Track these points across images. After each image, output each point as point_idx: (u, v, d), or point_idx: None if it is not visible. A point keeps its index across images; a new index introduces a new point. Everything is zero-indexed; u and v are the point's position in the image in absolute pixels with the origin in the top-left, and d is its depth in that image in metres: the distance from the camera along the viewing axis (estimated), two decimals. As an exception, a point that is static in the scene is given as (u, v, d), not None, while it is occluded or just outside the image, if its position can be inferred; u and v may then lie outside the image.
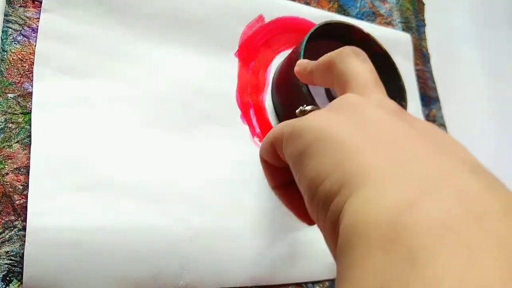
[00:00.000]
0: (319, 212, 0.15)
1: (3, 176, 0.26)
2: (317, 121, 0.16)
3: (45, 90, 0.28)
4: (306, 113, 0.22)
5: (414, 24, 0.48)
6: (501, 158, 0.49)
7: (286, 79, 0.34)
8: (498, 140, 0.50)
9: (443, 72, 0.49)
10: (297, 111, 0.23)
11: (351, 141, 0.15)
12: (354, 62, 0.21)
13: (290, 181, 0.19)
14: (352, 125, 0.16)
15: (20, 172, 0.26)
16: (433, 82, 0.47)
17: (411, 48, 0.46)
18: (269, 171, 0.22)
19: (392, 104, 0.18)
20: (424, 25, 0.49)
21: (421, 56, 0.47)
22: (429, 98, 0.46)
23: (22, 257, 0.25)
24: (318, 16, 0.40)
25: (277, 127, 0.19)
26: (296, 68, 0.27)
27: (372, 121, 0.16)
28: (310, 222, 0.19)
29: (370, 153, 0.14)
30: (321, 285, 0.33)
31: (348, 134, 0.15)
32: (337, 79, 0.22)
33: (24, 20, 0.29)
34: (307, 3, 0.41)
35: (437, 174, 0.13)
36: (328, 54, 0.23)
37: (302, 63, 0.27)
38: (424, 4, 0.50)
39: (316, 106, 0.23)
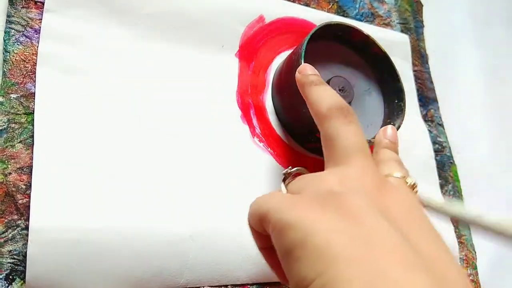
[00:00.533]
0: None
1: (6, 176, 0.26)
2: (302, 219, 0.17)
3: (47, 90, 0.28)
4: (291, 175, 0.24)
5: (413, 25, 0.49)
6: (499, 158, 0.50)
7: (286, 80, 0.34)
8: (497, 140, 0.51)
9: (441, 73, 0.49)
10: (283, 171, 0.24)
11: (331, 248, 0.16)
12: (339, 126, 0.22)
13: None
14: (335, 226, 0.17)
15: (23, 172, 0.26)
16: (431, 82, 0.47)
17: (409, 49, 0.46)
18: (256, 235, 0.23)
19: (372, 178, 0.20)
20: (423, 26, 0.50)
21: (420, 57, 0.48)
22: (427, 99, 0.46)
23: (25, 256, 0.25)
24: (318, 17, 0.40)
25: (265, 205, 0.20)
26: (297, 75, 0.28)
27: (354, 222, 0.17)
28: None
29: (348, 263, 0.15)
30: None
31: (329, 239, 0.16)
32: (322, 138, 0.23)
33: (27, 21, 0.29)
34: (307, 4, 0.41)
35: None
36: (320, 100, 0.24)
37: (304, 72, 0.27)
38: (422, 5, 0.51)
39: (301, 168, 0.24)
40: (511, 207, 0.47)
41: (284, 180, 0.24)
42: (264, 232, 0.21)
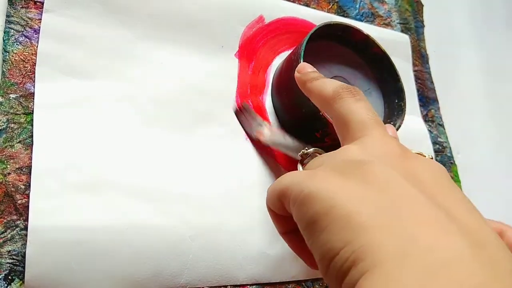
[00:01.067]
0: (334, 283, 0.16)
1: (5, 176, 0.26)
2: (325, 189, 0.17)
3: (47, 90, 0.28)
4: (308, 156, 0.24)
5: (413, 25, 0.49)
6: (499, 158, 0.50)
7: (286, 80, 0.34)
8: (497, 140, 0.51)
9: (441, 73, 0.49)
10: (299, 153, 0.24)
11: (359, 216, 0.15)
12: (350, 104, 0.22)
13: (298, 228, 0.19)
14: (360, 194, 0.16)
15: (22, 172, 0.26)
16: (432, 82, 0.47)
17: (409, 49, 0.46)
18: (277, 219, 0.22)
19: (394, 146, 0.19)
20: (423, 26, 0.49)
21: (420, 57, 0.48)
22: (427, 99, 0.46)
23: (24, 256, 0.25)
24: (318, 17, 0.40)
25: (284, 181, 0.20)
26: (296, 74, 0.27)
27: (380, 189, 0.16)
28: (317, 268, 0.20)
29: (378, 230, 0.15)
30: (320, 284, 0.33)
31: (356, 207, 0.16)
32: (335, 120, 0.23)
33: (26, 21, 0.29)
34: (307, 4, 0.41)
35: (438, 260, 0.14)
36: (324, 87, 0.24)
37: (303, 71, 0.27)
38: (422, 5, 0.51)
39: (318, 149, 0.24)
40: (511, 207, 0.47)
41: (301, 162, 0.24)
42: (284, 212, 0.20)
